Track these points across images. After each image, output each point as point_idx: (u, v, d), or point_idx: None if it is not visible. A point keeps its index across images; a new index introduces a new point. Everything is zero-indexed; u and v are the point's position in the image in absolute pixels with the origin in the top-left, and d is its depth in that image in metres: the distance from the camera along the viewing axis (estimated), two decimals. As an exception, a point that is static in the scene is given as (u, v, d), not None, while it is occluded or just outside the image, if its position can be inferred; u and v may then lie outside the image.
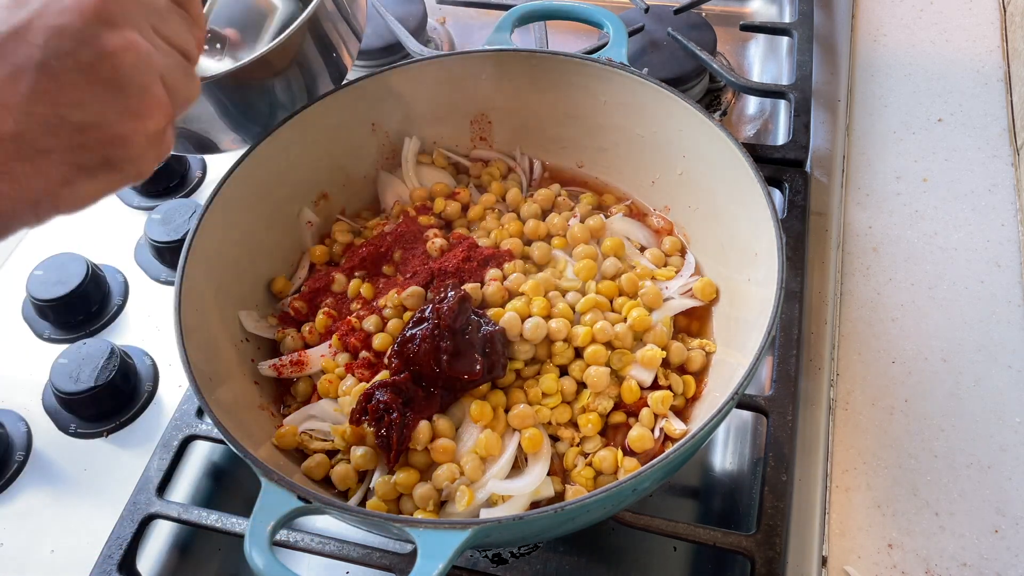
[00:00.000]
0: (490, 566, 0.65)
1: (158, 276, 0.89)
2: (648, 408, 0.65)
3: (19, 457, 0.75)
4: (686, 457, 0.54)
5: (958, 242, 0.82)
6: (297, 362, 0.69)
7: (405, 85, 0.77)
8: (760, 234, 0.63)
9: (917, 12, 1.05)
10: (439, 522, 0.50)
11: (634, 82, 0.73)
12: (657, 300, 0.70)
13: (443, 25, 1.14)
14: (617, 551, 0.68)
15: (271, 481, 0.51)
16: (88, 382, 0.75)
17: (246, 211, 0.70)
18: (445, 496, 0.61)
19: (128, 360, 0.79)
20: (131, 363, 0.79)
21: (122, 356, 0.77)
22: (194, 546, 0.72)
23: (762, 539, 0.61)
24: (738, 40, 1.08)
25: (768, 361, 0.72)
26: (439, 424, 0.63)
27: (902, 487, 0.67)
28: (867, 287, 0.80)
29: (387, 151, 0.82)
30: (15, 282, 0.88)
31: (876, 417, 0.71)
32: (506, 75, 0.78)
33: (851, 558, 0.64)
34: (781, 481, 0.65)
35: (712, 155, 0.69)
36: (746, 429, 0.75)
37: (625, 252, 0.75)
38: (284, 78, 0.68)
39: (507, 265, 0.72)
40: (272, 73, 0.67)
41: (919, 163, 0.89)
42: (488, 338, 0.64)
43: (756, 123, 0.98)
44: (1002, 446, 0.69)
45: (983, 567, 0.63)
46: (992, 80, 0.95)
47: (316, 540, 0.64)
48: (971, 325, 0.76)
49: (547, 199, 0.79)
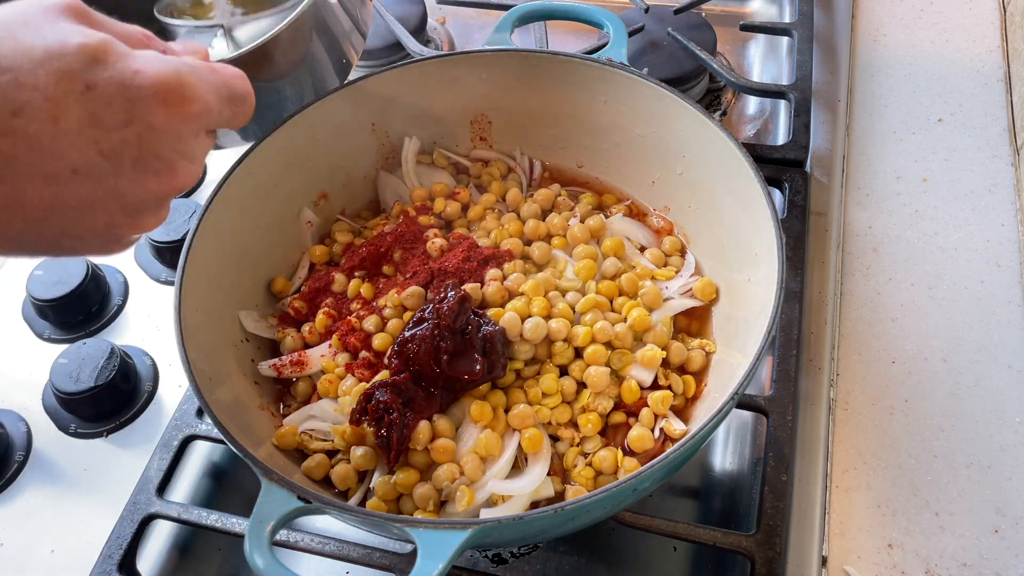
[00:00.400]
0: (490, 566, 0.65)
1: (158, 276, 0.89)
2: (648, 408, 0.65)
3: (19, 457, 0.75)
4: (686, 457, 0.54)
5: (958, 242, 0.82)
6: (297, 362, 0.69)
7: (405, 85, 0.77)
8: (760, 234, 0.63)
9: (917, 12, 1.05)
10: (439, 522, 0.50)
11: (634, 82, 0.73)
12: (657, 300, 0.70)
13: (443, 25, 1.14)
14: (617, 551, 0.68)
15: (271, 481, 0.51)
16: (88, 382, 0.75)
17: (246, 211, 0.70)
18: (445, 496, 0.61)
19: (128, 360, 0.79)
20: (131, 363, 0.79)
21: (122, 356, 0.77)
22: (194, 546, 0.72)
23: (762, 539, 0.61)
24: (738, 40, 1.08)
25: (768, 361, 0.72)
26: (439, 424, 0.63)
27: (902, 487, 0.67)
28: (867, 287, 0.80)
29: (387, 151, 0.82)
30: (15, 282, 0.88)
31: (876, 417, 0.71)
32: (506, 75, 0.78)
33: (851, 558, 0.64)
34: (781, 481, 0.65)
35: (712, 155, 0.69)
36: (746, 429, 0.75)
37: (625, 252, 0.75)
38: (286, 71, 0.68)
39: (507, 265, 0.72)
40: (273, 65, 0.66)
41: (919, 163, 0.89)
42: (488, 338, 0.64)
43: (756, 123, 0.98)
44: (1002, 446, 0.69)
45: (983, 567, 0.63)
46: (992, 80, 0.95)
47: (316, 540, 0.64)
48: (971, 325, 0.76)
49: (547, 199, 0.79)
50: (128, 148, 0.44)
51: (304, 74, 0.70)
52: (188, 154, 0.47)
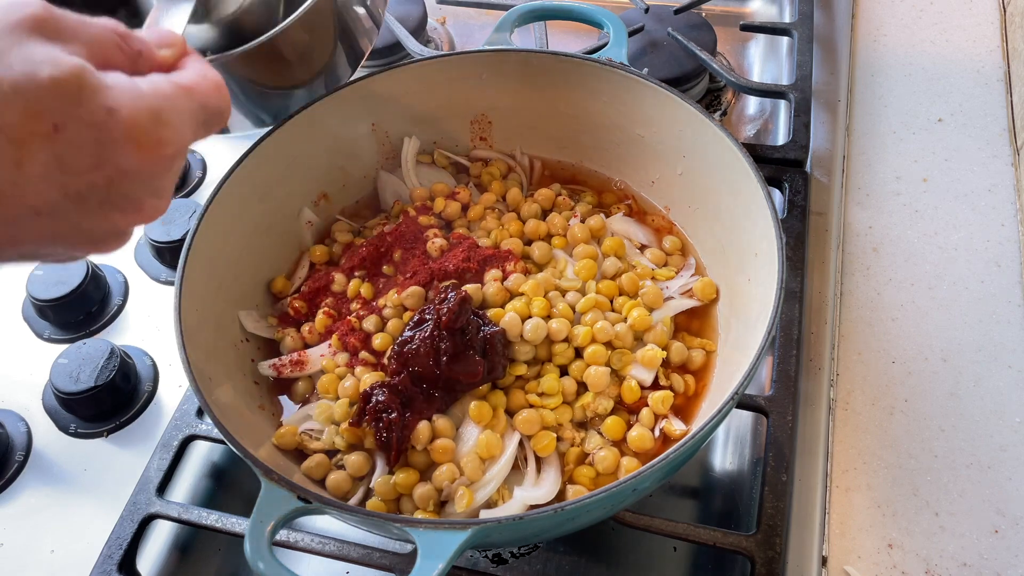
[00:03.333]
0: (490, 566, 0.65)
1: (158, 276, 0.89)
2: (648, 408, 0.65)
3: (19, 457, 0.75)
4: (686, 457, 0.54)
5: (958, 242, 0.82)
6: (297, 362, 0.69)
7: (405, 85, 0.77)
8: (760, 234, 0.63)
9: (917, 12, 1.05)
10: (439, 522, 0.50)
11: (634, 82, 0.73)
12: (657, 300, 0.70)
13: (443, 25, 1.14)
14: (617, 551, 0.68)
15: (271, 481, 0.51)
16: (88, 382, 0.75)
17: (246, 211, 0.70)
18: (445, 496, 0.61)
19: (128, 360, 0.79)
20: (131, 363, 0.79)
21: (122, 356, 0.77)
22: (194, 546, 0.72)
23: (762, 539, 0.61)
24: (738, 40, 1.08)
25: (768, 361, 0.72)
26: (439, 424, 0.63)
27: (902, 487, 0.67)
28: (867, 287, 0.80)
29: (387, 151, 0.82)
30: (15, 282, 0.88)
31: (876, 417, 0.71)
32: (506, 75, 0.78)
33: (851, 558, 0.64)
34: (781, 481, 0.65)
35: (712, 155, 0.69)
36: (746, 429, 0.75)
37: (625, 252, 0.75)
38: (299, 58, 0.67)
39: (507, 265, 0.72)
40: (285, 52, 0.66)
41: (919, 163, 0.89)
42: (488, 339, 0.64)
43: (756, 123, 0.98)
44: (1002, 446, 0.69)
45: (983, 567, 0.63)
46: (992, 80, 0.95)
47: (316, 540, 0.64)
48: (971, 325, 0.76)
49: (547, 199, 0.79)
50: (95, 191, 0.41)
51: (315, 62, 0.69)
52: (158, 191, 0.44)
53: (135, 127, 0.40)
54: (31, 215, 0.39)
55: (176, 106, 0.43)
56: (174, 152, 0.43)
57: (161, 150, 0.42)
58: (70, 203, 0.40)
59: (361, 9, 0.71)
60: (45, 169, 0.38)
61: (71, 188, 0.40)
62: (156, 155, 0.42)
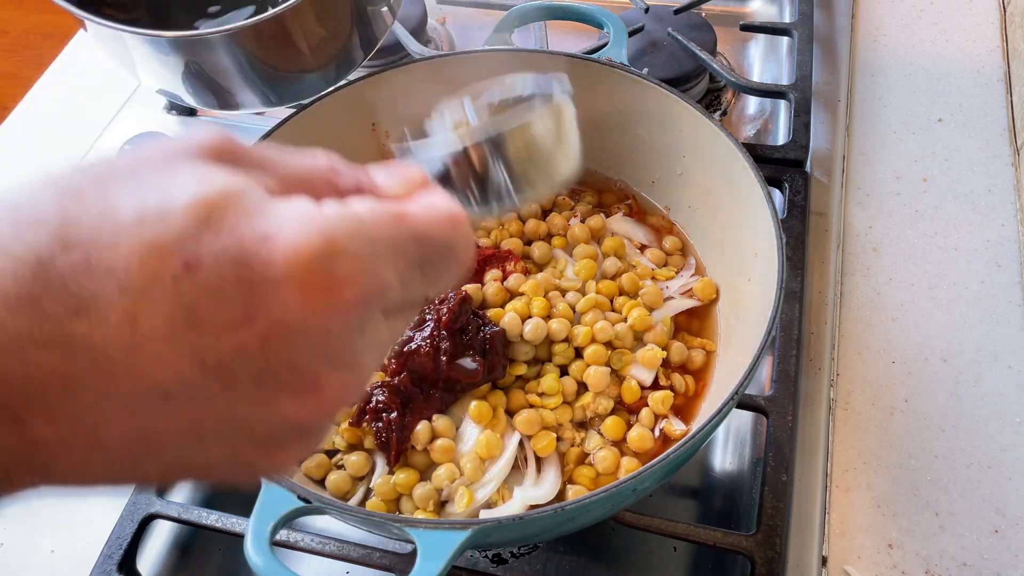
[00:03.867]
0: (490, 566, 0.65)
1: (158, 276, 0.88)
2: (648, 408, 0.65)
3: (19, 457, 0.75)
4: (686, 457, 0.54)
5: (958, 242, 0.82)
6: (297, 362, 0.69)
7: (405, 85, 0.77)
8: (760, 234, 0.63)
9: (917, 12, 1.05)
10: (439, 522, 0.50)
11: (634, 82, 0.73)
12: (657, 300, 0.70)
13: (443, 25, 1.14)
14: (617, 551, 0.68)
15: (271, 481, 0.51)
16: (88, 382, 0.75)
17: (246, 211, 0.70)
18: (445, 496, 0.61)
19: (128, 360, 0.79)
20: (131, 363, 0.79)
21: (122, 356, 0.77)
22: (194, 546, 0.72)
23: (762, 539, 0.61)
24: (738, 40, 1.08)
25: (768, 361, 0.72)
26: (439, 424, 0.63)
27: (902, 487, 0.67)
28: (867, 287, 0.80)
29: (387, 151, 0.82)
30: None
31: (876, 417, 0.71)
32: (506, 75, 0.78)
33: (851, 558, 0.64)
34: (781, 481, 0.65)
35: (712, 155, 0.69)
36: (746, 429, 0.75)
37: (625, 252, 0.75)
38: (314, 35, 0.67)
39: (507, 265, 0.72)
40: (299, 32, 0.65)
41: (919, 163, 0.89)
42: (488, 339, 0.64)
43: (756, 123, 0.98)
44: (1002, 446, 0.69)
45: (983, 567, 0.63)
46: (992, 80, 0.95)
47: (316, 540, 0.64)
48: (971, 325, 0.76)
49: (547, 198, 0.79)
50: (247, 359, 0.27)
51: (329, 46, 0.69)
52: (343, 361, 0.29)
53: (298, 258, 0.26)
54: (158, 399, 0.27)
55: (366, 232, 0.28)
56: (362, 295, 0.28)
57: (338, 294, 0.27)
58: (212, 379, 0.27)
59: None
60: (170, 328, 0.26)
61: (211, 356, 0.26)
62: (330, 301, 0.27)
